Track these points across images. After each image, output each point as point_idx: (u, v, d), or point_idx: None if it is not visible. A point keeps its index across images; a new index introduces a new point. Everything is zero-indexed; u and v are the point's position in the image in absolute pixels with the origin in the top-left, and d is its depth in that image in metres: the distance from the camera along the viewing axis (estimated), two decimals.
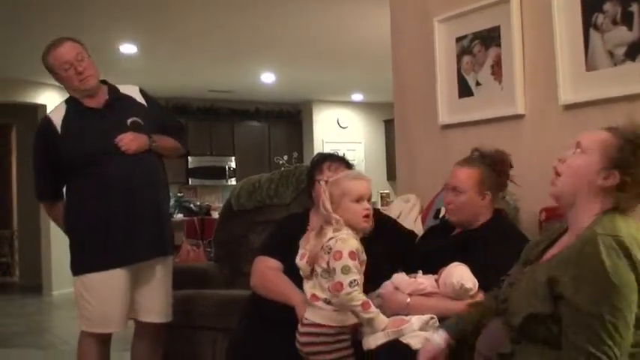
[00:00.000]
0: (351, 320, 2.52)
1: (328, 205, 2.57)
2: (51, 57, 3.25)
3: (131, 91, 3.47)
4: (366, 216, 2.59)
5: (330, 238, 2.53)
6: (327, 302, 2.54)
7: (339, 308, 2.51)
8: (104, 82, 3.43)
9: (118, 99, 3.38)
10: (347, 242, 2.50)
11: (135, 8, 6.25)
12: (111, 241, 3.24)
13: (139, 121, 3.34)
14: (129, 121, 3.31)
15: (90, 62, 3.30)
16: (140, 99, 3.47)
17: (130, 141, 3.26)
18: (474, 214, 2.83)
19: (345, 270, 2.44)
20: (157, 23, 6.81)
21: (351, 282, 2.43)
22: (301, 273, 2.64)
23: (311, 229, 2.69)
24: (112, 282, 3.26)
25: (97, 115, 3.30)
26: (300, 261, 2.62)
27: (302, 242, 2.66)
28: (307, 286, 2.63)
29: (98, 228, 3.24)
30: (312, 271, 2.59)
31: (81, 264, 3.30)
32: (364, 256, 2.54)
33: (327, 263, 2.50)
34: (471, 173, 2.82)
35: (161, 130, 3.44)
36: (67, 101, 3.37)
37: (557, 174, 2.06)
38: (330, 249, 2.50)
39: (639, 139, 1.96)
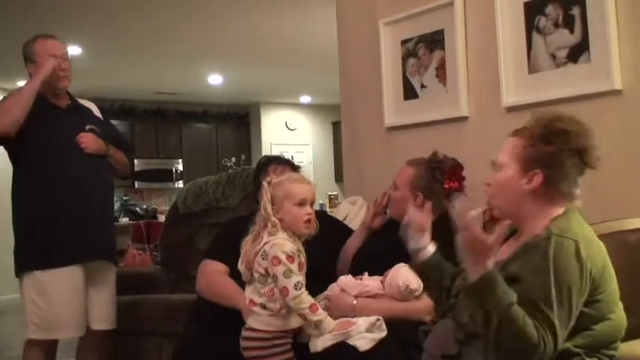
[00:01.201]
0: (291, 324, 2.51)
1: (269, 208, 2.54)
2: (39, 44, 3.34)
3: (90, 105, 3.61)
4: (308, 221, 2.56)
5: (265, 243, 2.51)
6: (264, 307, 2.52)
7: (277, 313, 2.50)
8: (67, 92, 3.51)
9: (78, 107, 3.50)
10: (282, 246, 2.48)
11: (79, 9, 6.15)
12: (68, 235, 3.25)
13: (96, 129, 3.44)
14: (87, 127, 3.40)
15: (70, 66, 3.40)
16: (97, 113, 3.60)
17: (91, 140, 3.35)
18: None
19: (287, 274, 2.43)
20: (102, 24, 6.71)
21: (295, 284, 2.43)
22: (243, 278, 2.62)
23: (251, 232, 2.68)
24: (67, 281, 3.23)
25: (60, 113, 3.39)
26: (241, 265, 2.60)
27: (243, 246, 2.64)
28: (247, 291, 2.61)
29: (56, 219, 3.24)
30: (252, 277, 2.58)
31: (33, 258, 3.25)
32: (304, 259, 2.53)
33: (265, 269, 2.49)
34: (407, 172, 2.92)
35: (113, 145, 3.52)
36: None
37: (490, 197, 2.07)
38: (267, 254, 2.49)
39: (546, 128, 1.96)
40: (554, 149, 1.92)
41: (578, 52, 3.03)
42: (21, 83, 8.71)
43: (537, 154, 1.94)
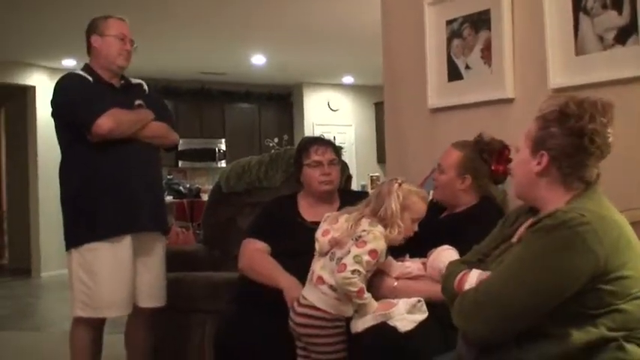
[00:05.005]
0: (349, 313, 2.53)
1: (397, 208, 2.59)
2: (112, 21, 3.46)
3: (139, 82, 3.66)
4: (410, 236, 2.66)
5: (364, 230, 2.54)
6: (333, 289, 2.55)
7: (343, 298, 2.52)
8: None
9: (130, 85, 3.57)
10: (377, 241, 2.53)
11: None
12: (117, 206, 3.27)
13: (143, 104, 3.48)
14: (136, 102, 3.46)
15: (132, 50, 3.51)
16: (146, 89, 3.65)
17: None
18: (453, 195, 2.89)
19: (357, 259, 2.47)
20: (147, 3, 6.72)
21: (353, 270, 2.45)
22: (316, 246, 2.65)
23: (345, 210, 2.71)
24: (115, 257, 3.25)
25: (115, 90, 3.44)
26: (323, 237, 2.63)
27: (328, 218, 2.67)
28: (317, 265, 2.63)
29: (105, 192, 3.26)
30: (328, 252, 2.60)
31: (81, 231, 3.27)
32: (383, 259, 2.58)
33: (349, 249, 2.52)
34: (455, 155, 2.89)
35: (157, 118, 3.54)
36: (84, 70, 3.46)
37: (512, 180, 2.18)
38: (360, 238, 2.52)
39: (553, 112, 1.98)
40: (556, 131, 1.96)
41: (626, 34, 2.97)
42: (66, 62, 8.90)
43: (543, 136, 1.98)
